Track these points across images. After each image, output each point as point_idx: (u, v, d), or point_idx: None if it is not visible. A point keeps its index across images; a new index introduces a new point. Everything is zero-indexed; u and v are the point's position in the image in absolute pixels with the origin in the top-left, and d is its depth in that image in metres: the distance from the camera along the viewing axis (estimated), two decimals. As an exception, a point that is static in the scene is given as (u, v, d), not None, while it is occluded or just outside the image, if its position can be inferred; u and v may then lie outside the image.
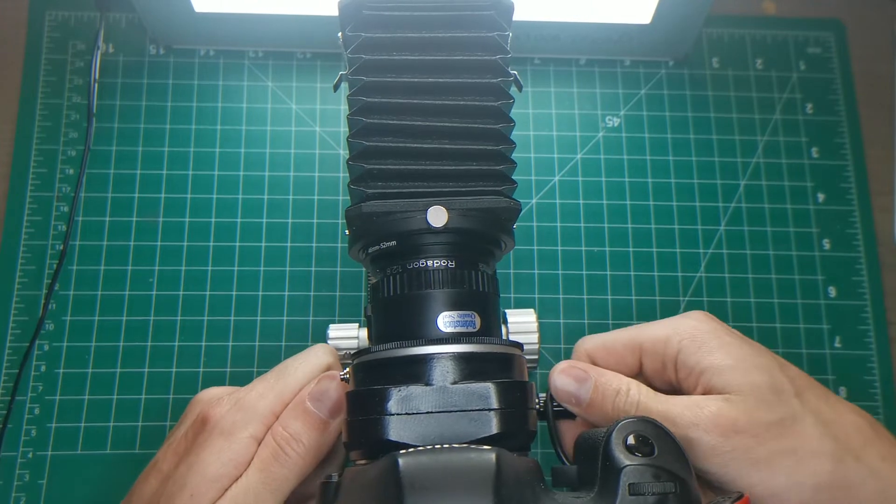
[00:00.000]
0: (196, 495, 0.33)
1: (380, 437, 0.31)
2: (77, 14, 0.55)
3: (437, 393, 0.31)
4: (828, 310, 0.52)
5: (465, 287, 0.34)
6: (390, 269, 0.35)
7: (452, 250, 0.34)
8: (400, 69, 0.34)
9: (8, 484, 0.46)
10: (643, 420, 0.31)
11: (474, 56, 0.35)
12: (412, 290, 0.34)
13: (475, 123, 0.35)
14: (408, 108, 0.34)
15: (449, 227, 0.33)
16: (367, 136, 0.34)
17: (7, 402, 0.47)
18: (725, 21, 0.57)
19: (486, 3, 0.35)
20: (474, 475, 0.28)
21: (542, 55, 0.55)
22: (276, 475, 0.34)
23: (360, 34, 0.34)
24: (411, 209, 0.33)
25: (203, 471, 0.34)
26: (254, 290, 0.50)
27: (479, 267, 0.35)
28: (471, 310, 0.34)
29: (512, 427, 0.31)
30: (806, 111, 0.56)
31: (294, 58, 0.55)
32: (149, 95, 0.53)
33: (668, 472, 0.30)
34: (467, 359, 0.32)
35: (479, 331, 0.34)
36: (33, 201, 0.51)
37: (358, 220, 0.34)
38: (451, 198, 0.34)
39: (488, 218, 0.34)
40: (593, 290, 0.51)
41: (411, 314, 0.34)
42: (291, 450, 0.35)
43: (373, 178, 0.34)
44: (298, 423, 0.35)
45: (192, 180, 0.52)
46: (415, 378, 0.32)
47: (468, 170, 0.34)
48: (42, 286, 0.49)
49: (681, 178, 0.54)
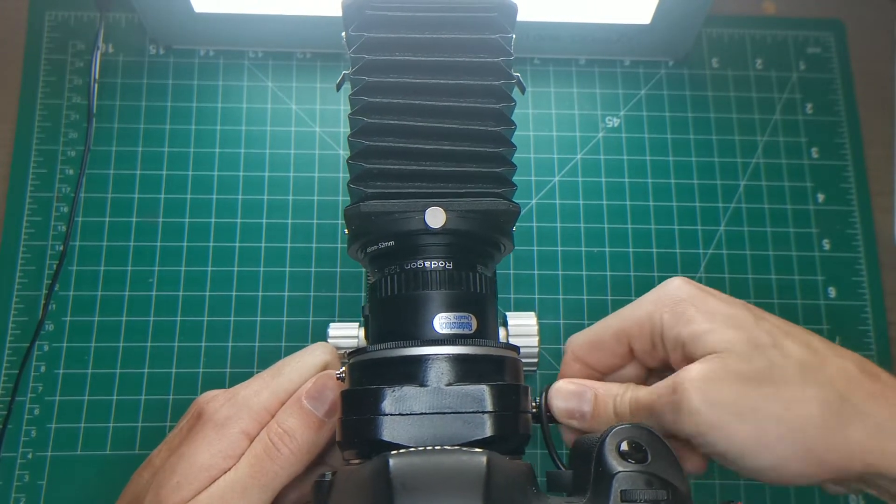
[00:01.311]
0: (182, 482, 0.33)
1: (373, 437, 0.31)
2: (77, 14, 0.55)
3: (432, 394, 0.31)
4: (828, 310, 0.52)
5: (463, 289, 0.34)
6: (388, 269, 0.35)
7: (450, 251, 0.34)
8: (402, 69, 0.34)
9: (8, 484, 0.46)
10: (637, 427, 0.31)
11: (477, 58, 0.35)
12: (409, 290, 0.34)
13: (476, 125, 0.35)
14: (409, 109, 0.34)
15: (447, 228, 0.33)
16: (367, 135, 0.34)
17: (7, 403, 0.47)
18: (725, 21, 0.57)
19: (489, 5, 0.35)
20: (464, 477, 0.28)
21: (542, 55, 0.55)
22: (267, 471, 0.34)
23: (363, 34, 0.34)
24: (410, 210, 0.33)
25: (192, 459, 0.34)
26: (254, 291, 0.50)
27: (477, 269, 0.35)
28: (467, 311, 0.34)
29: (505, 430, 0.32)
30: (806, 111, 0.56)
31: (294, 58, 0.55)
32: (149, 96, 0.53)
33: (661, 479, 0.30)
34: (462, 360, 0.32)
35: (475, 333, 0.34)
36: (33, 201, 0.51)
37: (357, 220, 0.34)
38: (450, 199, 0.34)
39: (487, 220, 0.34)
40: (593, 290, 0.51)
41: (408, 314, 0.34)
42: (284, 446, 0.35)
43: (372, 177, 0.34)
44: (294, 420, 0.35)
45: (191, 181, 0.52)
46: (409, 378, 0.32)
47: (468, 171, 0.34)
48: (42, 287, 0.49)
49: (681, 179, 0.54)
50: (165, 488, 0.33)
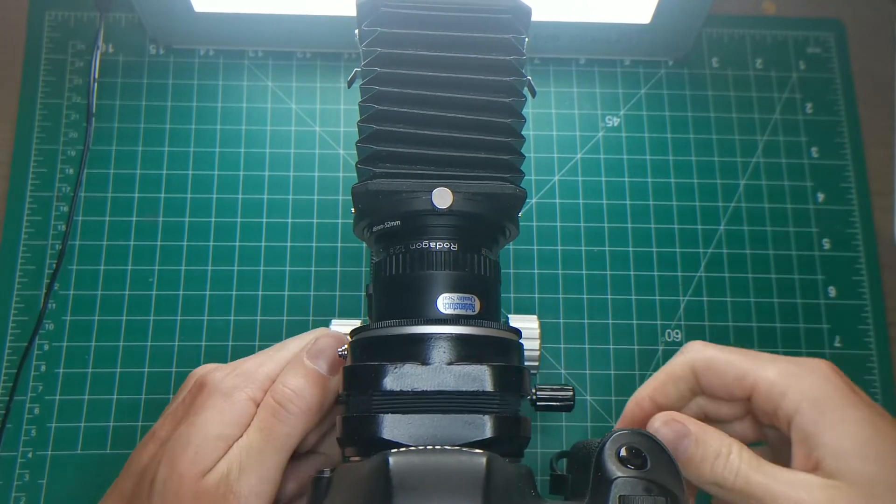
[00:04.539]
0: (200, 453, 0.33)
1: (373, 435, 0.31)
2: (77, 14, 0.55)
3: (433, 372, 0.31)
4: (828, 310, 0.52)
5: (467, 270, 0.34)
6: (393, 249, 0.35)
7: (456, 233, 0.35)
8: (414, 63, 0.35)
9: (8, 484, 0.46)
10: (637, 433, 0.31)
11: (489, 56, 0.35)
12: (414, 270, 0.34)
13: (486, 117, 0.35)
14: (420, 100, 0.35)
15: (453, 209, 0.33)
16: (378, 121, 0.34)
17: (6, 402, 0.47)
18: (725, 21, 0.57)
19: (504, 6, 0.35)
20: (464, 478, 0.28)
21: (542, 55, 0.55)
22: (278, 433, 0.34)
23: (377, 29, 0.35)
24: (417, 189, 0.34)
25: (206, 430, 0.34)
26: (254, 290, 0.50)
27: (481, 252, 0.35)
28: (471, 293, 0.34)
29: (505, 432, 0.32)
30: (806, 111, 0.56)
31: (294, 58, 0.55)
32: (148, 95, 0.53)
33: (660, 486, 0.29)
34: (464, 340, 0.32)
35: (478, 314, 0.34)
36: (33, 201, 0.51)
37: (364, 198, 0.34)
38: (458, 181, 0.34)
39: (493, 203, 0.34)
40: (593, 289, 0.51)
41: (411, 294, 0.34)
42: (293, 405, 0.35)
43: (381, 159, 0.34)
44: (298, 378, 0.35)
45: (191, 180, 0.52)
46: (411, 356, 0.32)
47: (476, 158, 0.35)
48: (42, 286, 0.49)
49: (680, 178, 0.53)
50: (183, 460, 0.33)
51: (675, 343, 0.50)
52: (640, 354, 0.50)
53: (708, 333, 0.50)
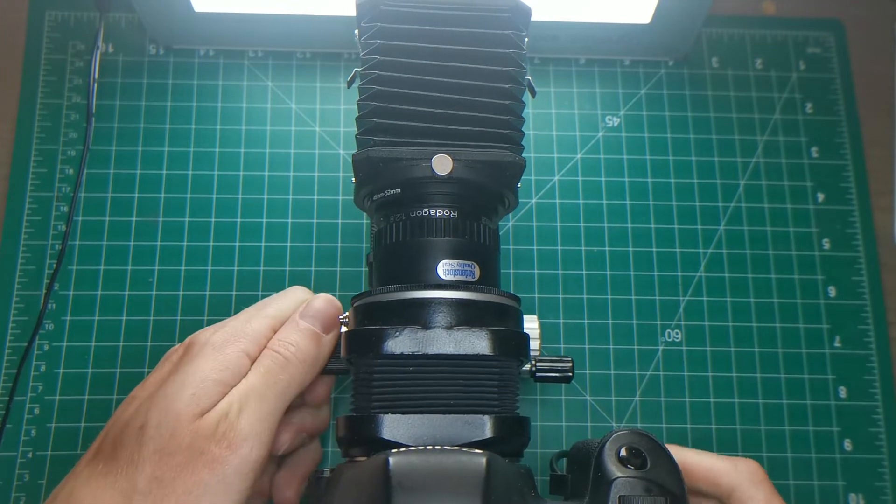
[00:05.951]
0: (198, 394, 0.33)
1: (373, 435, 0.31)
2: (77, 14, 0.55)
3: (434, 336, 0.32)
4: (828, 310, 0.52)
5: (467, 237, 0.35)
6: (394, 217, 0.35)
7: (456, 200, 0.35)
8: (412, 52, 0.35)
9: (8, 484, 0.46)
10: (637, 433, 0.31)
11: (488, 48, 0.35)
12: (414, 237, 0.34)
13: (485, 82, 0.35)
14: (419, 69, 0.35)
15: (453, 176, 0.34)
16: (378, 99, 0.35)
17: (6, 402, 0.47)
18: (725, 21, 0.57)
19: (503, 5, 0.36)
20: (464, 478, 0.28)
21: (542, 55, 0.55)
22: (279, 379, 0.35)
23: (377, 24, 0.35)
24: (417, 157, 0.34)
25: (203, 374, 0.34)
26: (254, 290, 0.50)
27: (481, 220, 0.36)
28: (471, 260, 0.34)
29: (505, 432, 0.32)
30: (806, 111, 0.56)
31: (294, 58, 0.55)
32: (148, 95, 0.53)
33: (660, 486, 0.30)
34: (465, 305, 0.33)
35: (478, 281, 0.34)
36: (33, 201, 0.51)
37: (365, 166, 0.35)
38: (458, 148, 0.34)
39: (493, 171, 0.35)
40: (593, 289, 0.51)
41: (412, 261, 0.34)
42: (292, 354, 0.35)
43: (382, 130, 0.35)
44: (295, 334, 0.36)
45: (191, 180, 0.52)
46: (412, 321, 0.32)
47: (476, 129, 0.35)
48: (42, 286, 0.49)
49: (680, 178, 0.53)
50: (178, 402, 0.33)
51: (675, 343, 0.50)
52: (640, 354, 0.50)
53: (708, 333, 0.50)
